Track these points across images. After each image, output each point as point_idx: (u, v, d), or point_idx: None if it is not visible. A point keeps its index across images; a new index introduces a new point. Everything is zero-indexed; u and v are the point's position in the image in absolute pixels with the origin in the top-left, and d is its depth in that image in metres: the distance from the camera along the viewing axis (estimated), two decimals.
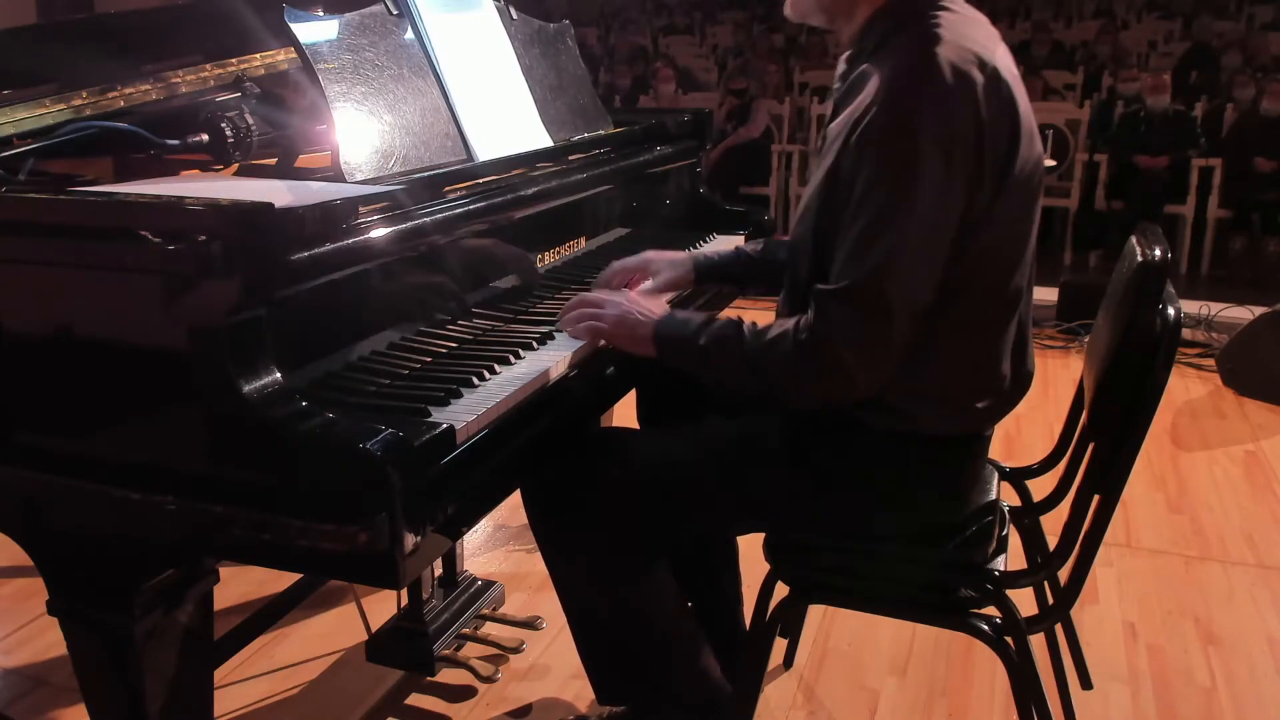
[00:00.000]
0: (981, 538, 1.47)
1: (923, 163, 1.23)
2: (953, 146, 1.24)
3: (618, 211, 2.09)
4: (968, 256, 1.30)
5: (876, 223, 1.26)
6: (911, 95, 1.25)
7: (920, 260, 1.27)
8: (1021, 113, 1.30)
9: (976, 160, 1.26)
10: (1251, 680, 2.12)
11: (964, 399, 1.41)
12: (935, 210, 1.26)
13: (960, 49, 1.27)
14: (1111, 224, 6.23)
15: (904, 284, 1.27)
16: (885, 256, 1.25)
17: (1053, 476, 1.76)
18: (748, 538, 1.67)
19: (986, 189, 1.28)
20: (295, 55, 1.58)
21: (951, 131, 1.24)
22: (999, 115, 1.27)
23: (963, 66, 1.25)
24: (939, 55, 1.25)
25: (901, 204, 1.25)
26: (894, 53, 1.31)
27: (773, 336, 1.35)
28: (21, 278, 1.21)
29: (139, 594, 1.24)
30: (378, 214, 1.33)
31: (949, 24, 1.30)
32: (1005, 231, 1.33)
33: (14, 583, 2.48)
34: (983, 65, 1.27)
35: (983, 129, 1.25)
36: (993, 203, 1.29)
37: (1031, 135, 1.33)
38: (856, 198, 1.28)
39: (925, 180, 1.24)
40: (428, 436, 1.16)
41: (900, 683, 2.11)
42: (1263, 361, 3.85)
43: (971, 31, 1.32)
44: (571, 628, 1.65)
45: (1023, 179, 1.31)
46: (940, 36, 1.28)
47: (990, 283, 1.35)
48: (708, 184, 2.60)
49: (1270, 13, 8.97)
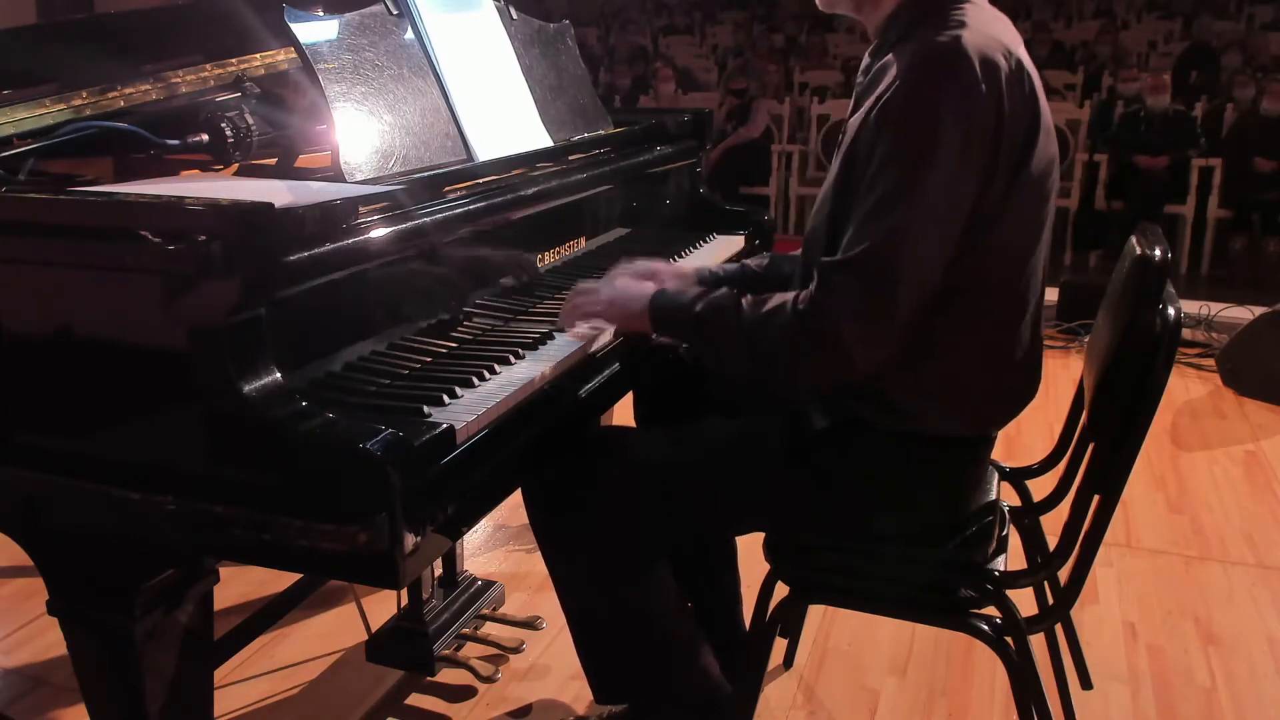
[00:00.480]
0: (981, 538, 1.47)
1: (940, 143, 1.23)
2: (971, 131, 1.23)
3: (618, 211, 2.09)
4: (976, 253, 1.30)
5: (888, 198, 1.24)
6: (935, 75, 1.25)
7: (928, 237, 1.26)
8: (1042, 109, 1.30)
9: (993, 151, 1.25)
10: (1251, 680, 2.12)
11: (969, 399, 1.41)
12: (947, 192, 1.25)
13: (988, 37, 1.27)
14: (1111, 224, 6.23)
15: (910, 258, 1.25)
16: (894, 229, 1.24)
17: (1053, 476, 1.76)
18: (748, 538, 1.67)
19: (1000, 182, 1.27)
20: (295, 55, 1.58)
21: (972, 116, 1.23)
22: (1020, 108, 1.27)
23: (989, 54, 1.25)
24: (965, 40, 1.25)
25: (915, 182, 1.24)
26: (919, 40, 1.30)
27: (771, 307, 1.32)
28: (21, 278, 1.21)
29: (139, 594, 1.24)
30: (378, 214, 1.33)
31: (975, 16, 1.30)
32: (1016, 230, 1.33)
33: (14, 583, 2.48)
34: (1009, 55, 1.27)
35: (1003, 119, 1.25)
36: (1005, 198, 1.29)
37: (1049, 133, 1.33)
38: (871, 173, 1.27)
39: (941, 161, 1.23)
40: (428, 436, 1.16)
41: (900, 683, 2.11)
42: (1263, 361, 3.85)
43: (997, 25, 1.32)
44: (571, 628, 1.65)
45: (1037, 177, 1.31)
46: (967, 24, 1.28)
47: (998, 282, 1.35)
48: (708, 184, 2.60)
49: (1270, 13, 8.97)
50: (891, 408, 1.39)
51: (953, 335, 1.34)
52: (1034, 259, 1.37)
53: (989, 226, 1.29)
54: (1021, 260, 1.36)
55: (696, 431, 1.60)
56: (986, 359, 1.39)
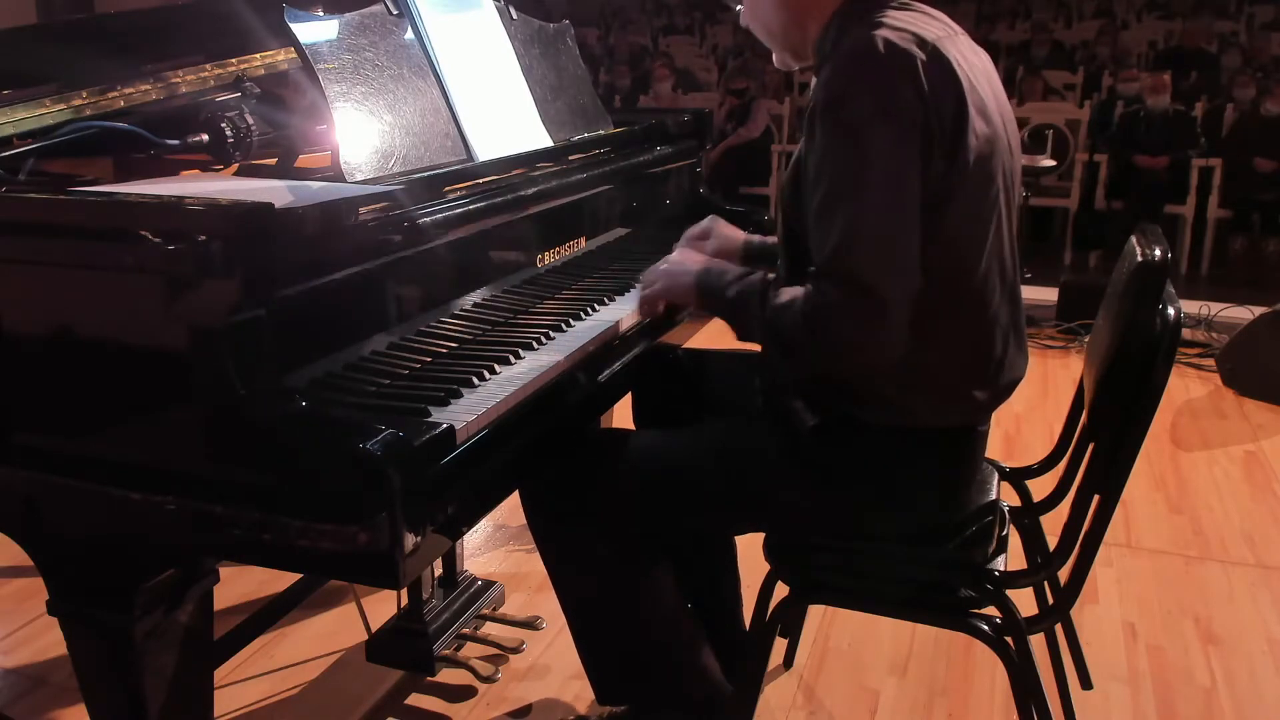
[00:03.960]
0: (981, 538, 1.47)
1: (869, 137, 1.26)
2: (897, 115, 1.26)
3: (618, 211, 2.09)
4: (934, 241, 1.31)
5: (833, 197, 1.28)
6: (851, 71, 1.30)
7: (887, 222, 1.27)
8: (967, 88, 1.31)
9: (925, 134, 1.28)
10: (1251, 680, 2.12)
11: (953, 389, 1.41)
12: (890, 177, 1.27)
13: (899, 32, 1.31)
14: (1111, 224, 6.23)
15: (872, 254, 1.26)
16: (846, 231, 1.26)
17: (1053, 476, 1.76)
18: (748, 537, 1.67)
19: (937, 163, 1.29)
20: (295, 55, 1.58)
21: (894, 101, 1.26)
22: (941, 90, 1.29)
23: (900, 44, 1.29)
24: (876, 36, 1.29)
25: (855, 175, 1.27)
26: (840, 48, 1.35)
27: (782, 303, 1.35)
28: (21, 278, 1.21)
29: (139, 594, 1.24)
30: (378, 214, 1.33)
31: (896, 18, 1.35)
32: (966, 213, 1.34)
33: (14, 583, 2.48)
34: (922, 44, 1.30)
35: (926, 101, 1.27)
36: (948, 178, 1.30)
37: (982, 113, 1.33)
38: (813, 177, 1.31)
39: (874, 155, 1.26)
40: (428, 436, 1.16)
41: (900, 683, 2.11)
42: (1263, 361, 3.85)
43: (920, 22, 1.35)
44: (571, 628, 1.65)
45: (976, 158, 1.32)
46: (882, 24, 1.32)
47: (958, 268, 1.36)
48: (708, 184, 2.60)
49: (1270, 13, 8.97)
50: (882, 402, 1.40)
51: (926, 326, 1.34)
52: (990, 242, 1.37)
53: (937, 210, 1.31)
54: (977, 244, 1.36)
55: (695, 433, 1.61)
56: (966, 346, 1.40)
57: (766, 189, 7.04)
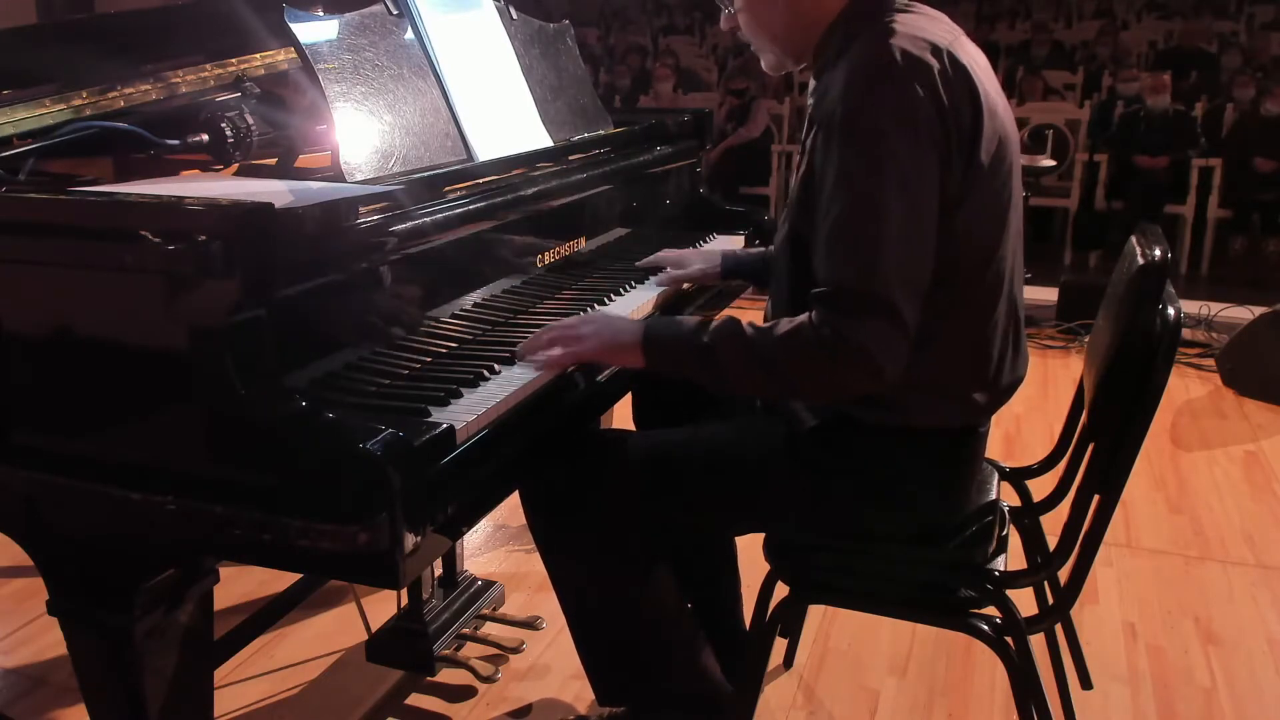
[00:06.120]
0: (981, 538, 1.47)
1: (889, 154, 1.25)
2: (917, 125, 1.26)
3: (618, 211, 2.09)
4: (944, 241, 1.31)
5: (854, 217, 1.27)
6: (869, 83, 1.28)
7: (909, 241, 1.27)
8: (982, 91, 1.32)
9: (944, 140, 1.27)
10: (1251, 680, 2.12)
11: (954, 389, 1.41)
12: (911, 189, 1.26)
13: (913, 39, 1.30)
14: (1111, 224, 6.24)
15: (898, 271, 1.27)
16: (870, 253, 1.26)
17: (1053, 476, 1.76)
18: (748, 537, 1.67)
19: (956, 168, 1.29)
20: (295, 55, 1.58)
21: (913, 112, 1.26)
22: (959, 95, 1.29)
23: (916, 53, 1.28)
24: (892, 45, 1.29)
25: (876, 190, 1.26)
26: (853, 54, 1.34)
27: (787, 331, 1.32)
28: (21, 278, 1.21)
29: (139, 594, 1.24)
30: (378, 214, 1.33)
31: (903, 21, 1.34)
32: (980, 214, 1.34)
33: (14, 583, 2.48)
34: (936, 51, 1.30)
35: (944, 109, 1.27)
36: (964, 183, 1.30)
37: (993, 113, 1.34)
38: (829, 193, 1.30)
39: (894, 160, 1.25)
40: (428, 436, 1.16)
41: (900, 683, 2.11)
42: (1263, 361, 3.85)
43: (927, 25, 1.35)
44: (571, 628, 1.65)
45: (990, 158, 1.32)
46: (894, 30, 1.32)
47: (970, 268, 1.36)
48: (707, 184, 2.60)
49: (1270, 13, 8.97)
50: (881, 403, 1.39)
51: (931, 326, 1.34)
52: (1003, 243, 1.38)
53: (954, 214, 1.31)
54: (990, 245, 1.36)
55: (694, 433, 1.60)
56: (966, 348, 1.40)
57: (766, 189, 7.04)
